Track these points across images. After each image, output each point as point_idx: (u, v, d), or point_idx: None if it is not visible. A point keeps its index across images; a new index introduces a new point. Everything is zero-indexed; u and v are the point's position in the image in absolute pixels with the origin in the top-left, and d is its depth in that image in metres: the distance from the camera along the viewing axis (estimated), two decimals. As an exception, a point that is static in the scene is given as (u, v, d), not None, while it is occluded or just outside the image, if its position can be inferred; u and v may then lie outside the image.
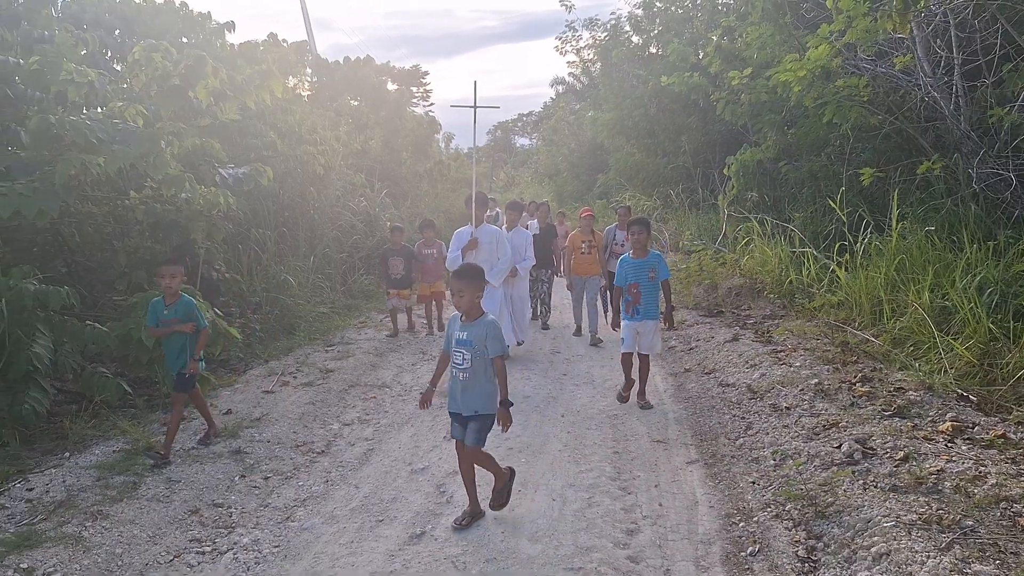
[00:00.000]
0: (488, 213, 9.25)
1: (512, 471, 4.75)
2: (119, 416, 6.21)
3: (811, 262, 9.60)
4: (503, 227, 9.15)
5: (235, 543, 4.34)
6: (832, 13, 8.46)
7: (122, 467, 5.18)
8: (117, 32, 9.57)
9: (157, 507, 4.71)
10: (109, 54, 9.29)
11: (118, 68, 9.13)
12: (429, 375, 7.93)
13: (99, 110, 7.75)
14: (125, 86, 8.54)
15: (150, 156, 6.50)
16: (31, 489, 4.78)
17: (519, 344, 9.20)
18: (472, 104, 8.70)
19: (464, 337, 4.36)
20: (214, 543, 4.35)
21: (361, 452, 5.86)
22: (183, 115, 7.98)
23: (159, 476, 5.13)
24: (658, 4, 19.74)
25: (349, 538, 4.36)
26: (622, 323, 6.85)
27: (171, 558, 4.16)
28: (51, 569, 3.88)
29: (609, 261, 9.94)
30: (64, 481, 4.92)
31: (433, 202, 22.34)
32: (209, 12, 10.97)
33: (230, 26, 10.93)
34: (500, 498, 4.61)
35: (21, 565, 3.87)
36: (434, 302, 10.73)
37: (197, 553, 4.22)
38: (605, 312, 10.51)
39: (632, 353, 6.85)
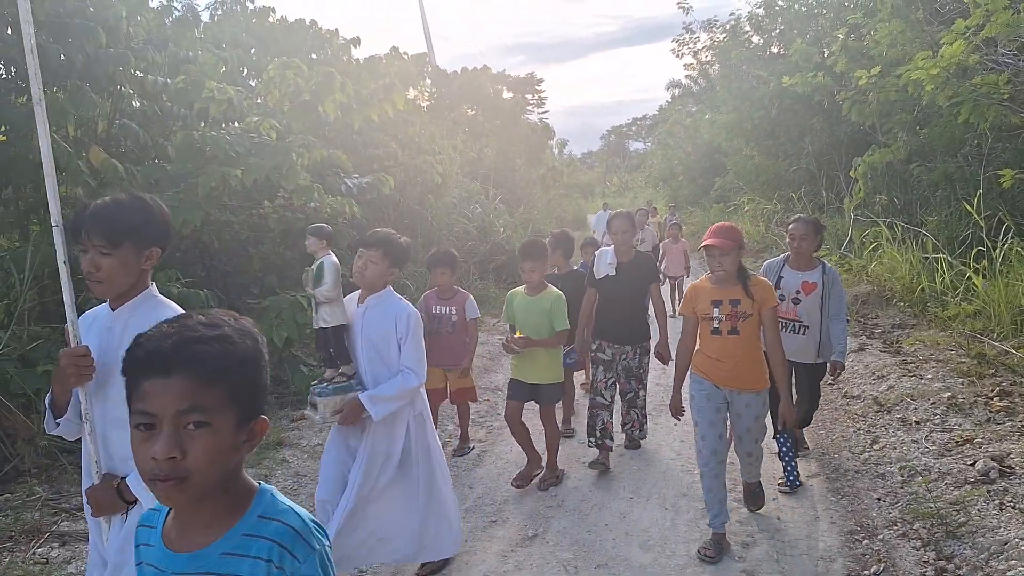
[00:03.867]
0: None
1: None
2: (252, 412, 6.58)
3: (945, 269, 9.09)
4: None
5: (357, 537, 4.54)
6: (969, 6, 8.00)
7: (254, 460, 5.49)
8: (253, 50, 10.18)
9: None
10: (246, 71, 9.89)
11: (253, 84, 9.71)
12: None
13: (236, 125, 8.27)
14: (260, 101, 9.07)
15: (283, 168, 6.87)
16: (175, 479, 5.14)
17: None
18: None
19: None
20: (338, 536, 4.56)
21: (474, 454, 6.00)
22: (313, 128, 8.39)
23: (288, 470, 5.42)
24: (780, 3, 19.15)
25: (463, 537, 4.47)
26: None
27: (299, 548, 4.38)
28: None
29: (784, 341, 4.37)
30: (203, 472, 5.26)
31: (546, 208, 22.50)
32: (336, 29, 11.57)
33: (356, 42, 11.47)
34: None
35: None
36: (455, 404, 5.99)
37: (322, 544, 4.43)
38: (788, 465, 5.06)
39: None
